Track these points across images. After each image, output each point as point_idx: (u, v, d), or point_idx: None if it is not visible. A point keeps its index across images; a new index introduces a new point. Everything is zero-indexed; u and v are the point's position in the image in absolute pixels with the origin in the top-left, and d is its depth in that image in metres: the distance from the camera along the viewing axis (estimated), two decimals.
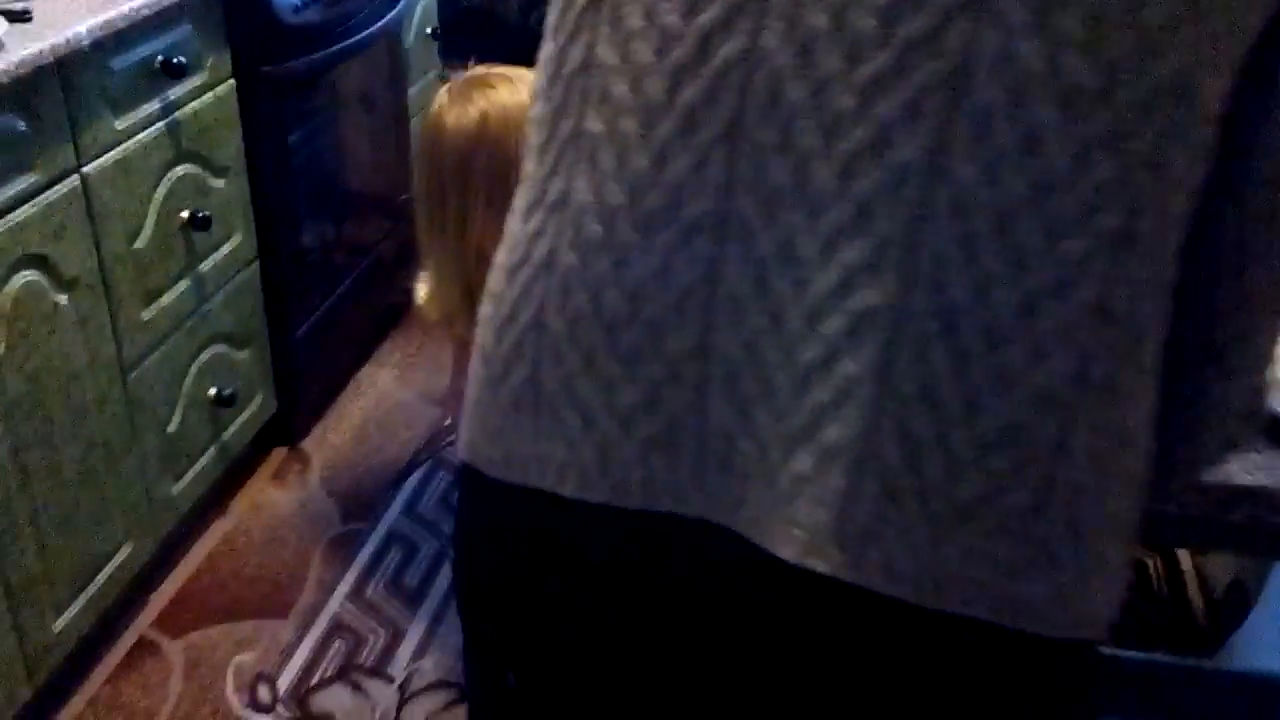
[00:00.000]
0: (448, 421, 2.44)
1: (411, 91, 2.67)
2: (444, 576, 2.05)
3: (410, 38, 2.60)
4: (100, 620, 1.82)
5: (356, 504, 2.22)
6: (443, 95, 1.14)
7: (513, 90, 1.12)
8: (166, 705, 1.80)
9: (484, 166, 1.09)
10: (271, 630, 1.93)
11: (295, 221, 2.21)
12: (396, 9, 2.40)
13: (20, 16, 1.55)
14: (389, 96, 2.56)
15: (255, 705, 1.80)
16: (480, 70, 1.16)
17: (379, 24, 2.31)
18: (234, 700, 1.81)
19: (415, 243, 2.78)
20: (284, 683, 1.84)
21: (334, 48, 2.16)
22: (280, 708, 1.80)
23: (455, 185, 1.10)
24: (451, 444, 2.37)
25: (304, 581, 2.04)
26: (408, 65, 2.62)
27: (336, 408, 2.48)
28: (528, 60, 1.26)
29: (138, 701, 1.80)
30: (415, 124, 2.73)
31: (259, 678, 1.85)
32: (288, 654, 1.89)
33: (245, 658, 1.89)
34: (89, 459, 1.72)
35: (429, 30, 2.73)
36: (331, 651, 1.90)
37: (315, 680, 1.85)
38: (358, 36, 2.22)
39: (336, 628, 1.94)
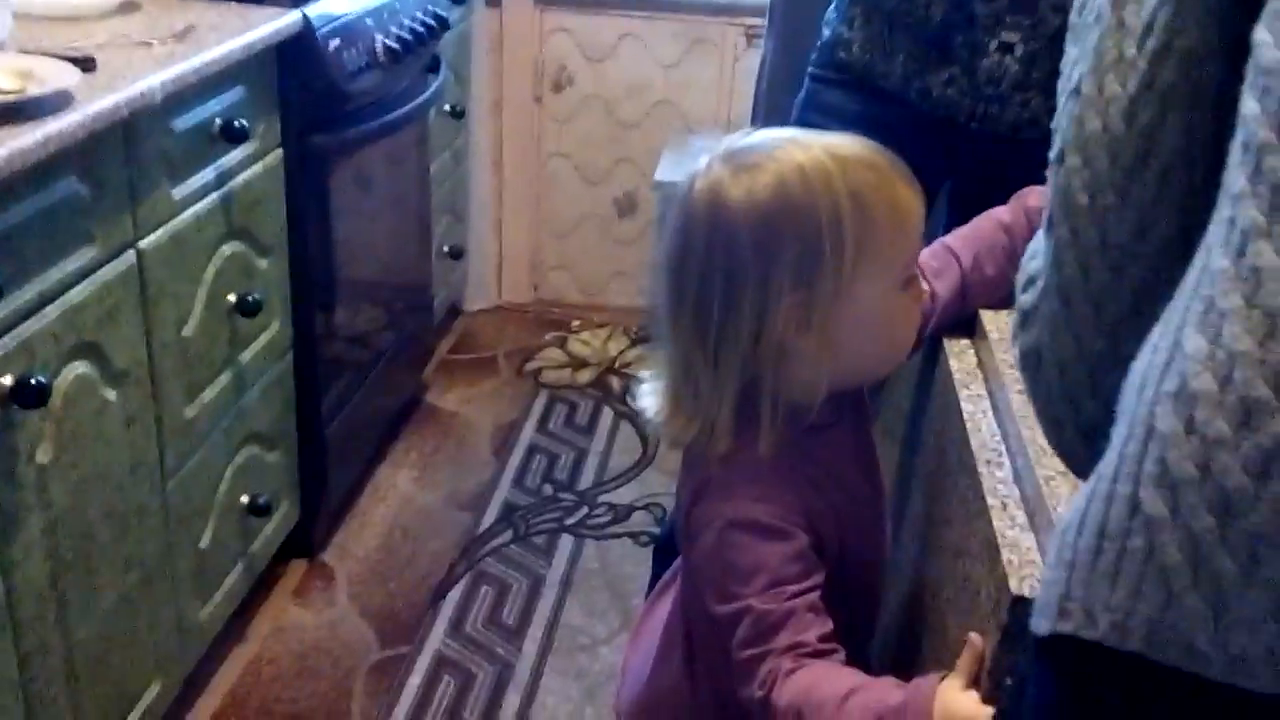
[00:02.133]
0: (483, 529, 2.21)
1: (432, 170, 2.49)
2: (508, 707, 1.81)
3: (432, 114, 2.42)
4: None
5: (394, 625, 1.97)
6: (711, 168, 0.95)
7: (804, 149, 0.94)
8: None
9: (791, 245, 0.91)
10: None
11: (330, 308, 1.99)
12: (438, 81, 2.23)
13: (86, 65, 1.33)
14: (413, 176, 2.37)
15: None
16: (744, 135, 0.97)
17: (423, 96, 2.13)
18: None
19: (425, 333, 2.58)
20: None
21: (383, 119, 1.97)
22: None
23: (752, 272, 0.91)
24: (489, 554, 2.14)
25: (346, 717, 1.77)
26: (431, 144, 2.44)
27: (356, 513, 2.23)
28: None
29: None
30: (436, 201, 2.55)
31: None
32: None
33: None
34: (125, 583, 1.46)
35: (449, 108, 2.56)
36: None
37: None
38: (405, 109, 2.04)
39: None
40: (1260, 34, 0.53)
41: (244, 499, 1.77)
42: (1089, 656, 0.57)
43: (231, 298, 1.65)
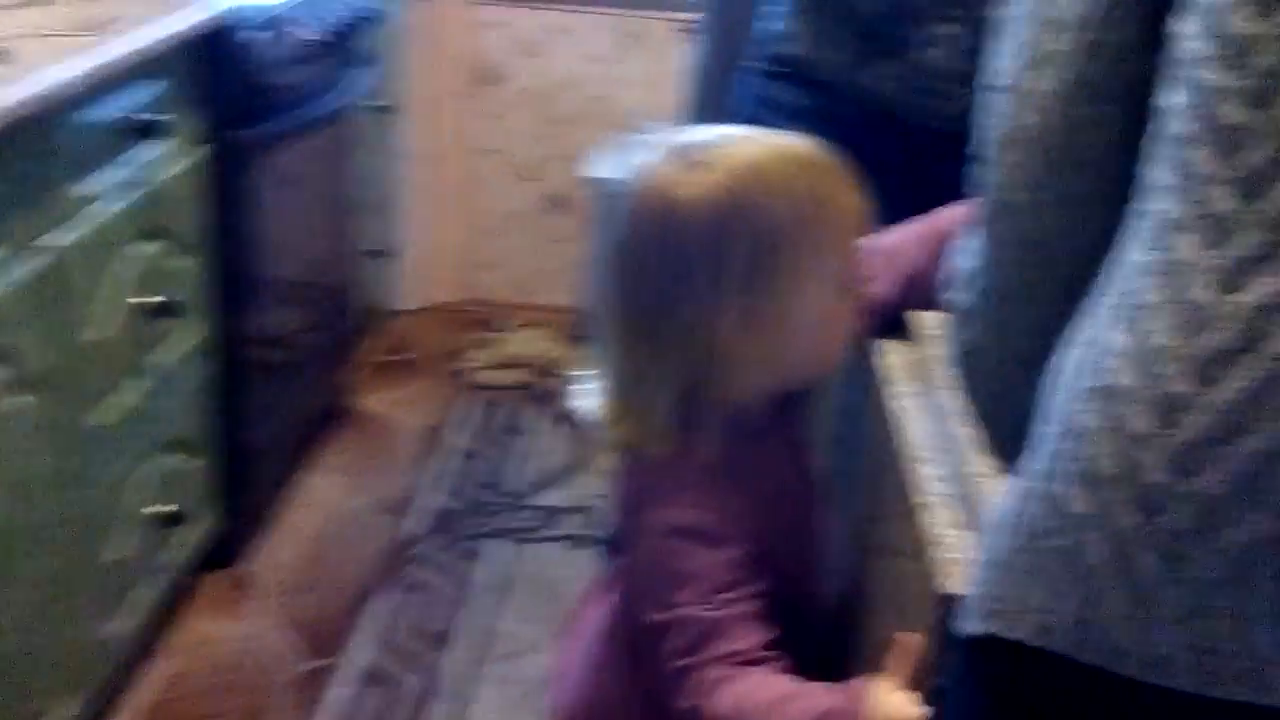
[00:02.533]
0: (410, 534, 2.16)
1: (360, 166, 2.42)
2: (437, 717, 1.76)
3: (361, 109, 2.36)
4: None
5: (318, 635, 1.91)
6: (659, 165, 0.91)
7: (757, 146, 0.91)
8: None
9: (743, 244, 0.88)
10: None
11: (254, 310, 1.93)
12: (368, 76, 2.17)
13: None
14: (341, 172, 2.31)
15: None
16: (690, 131, 0.94)
17: (351, 91, 2.07)
18: None
19: (352, 334, 2.52)
20: None
21: (310, 114, 1.92)
22: None
23: (700, 272, 0.88)
24: (417, 559, 2.09)
25: None
26: (360, 140, 2.38)
27: (279, 522, 2.16)
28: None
29: None
30: (365, 198, 2.48)
31: None
32: None
33: None
34: (29, 599, 1.39)
35: (378, 103, 2.50)
36: None
37: None
38: (333, 104, 1.98)
39: None
40: (1179, 26, 0.53)
41: (162, 508, 1.70)
42: (1016, 657, 0.56)
43: (150, 299, 1.58)
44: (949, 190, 1.44)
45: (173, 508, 1.72)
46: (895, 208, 1.52)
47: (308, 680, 1.82)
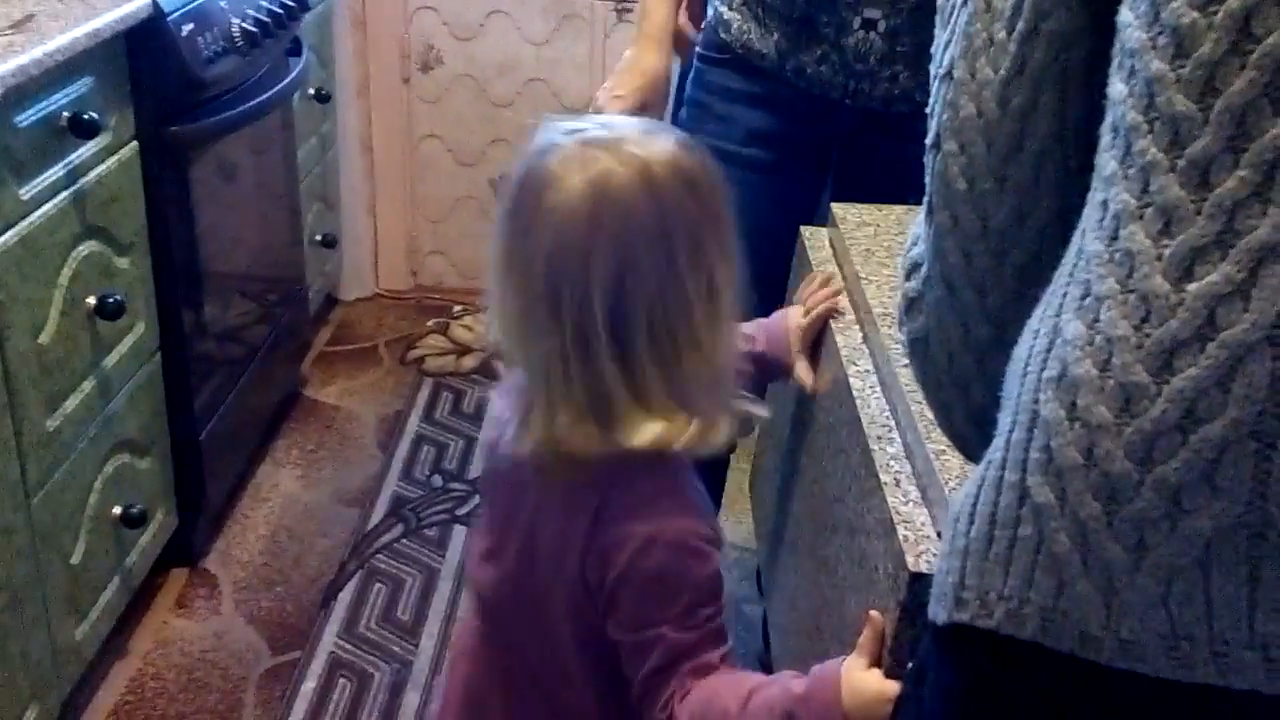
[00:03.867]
0: (373, 525, 2.16)
1: (300, 156, 2.40)
2: (408, 706, 1.77)
3: (296, 98, 2.34)
4: None
5: (284, 630, 1.91)
6: (562, 161, 0.86)
7: (678, 135, 0.90)
8: None
9: (694, 224, 0.87)
10: None
11: (199, 306, 1.91)
12: (301, 65, 2.15)
13: None
14: (279, 164, 2.29)
15: None
16: (585, 122, 0.90)
17: (285, 81, 2.05)
18: None
19: (300, 326, 2.50)
20: None
21: (244, 106, 1.89)
22: None
23: (648, 258, 0.85)
24: (380, 550, 2.09)
25: None
26: (297, 129, 2.36)
27: (237, 518, 2.15)
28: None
29: None
30: (306, 188, 2.46)
31: None
32: None
33: None
34: None
35: (313, 91, 2.47)
36: None
37: None
38: (267, 94, 1.96)
39: None
40: (1124, 15, 0.53)
41: (116, 510, 1.69)
42: (987, 644, 0.57)
43: (91, 300, 1.56)
44: (884, 168, 1.47)
45: (133, 508, 1.71)
46: (833, 188, 1.54)
47: (276, 675, 1.82)
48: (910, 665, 0.69)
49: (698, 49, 1.59)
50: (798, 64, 1.46)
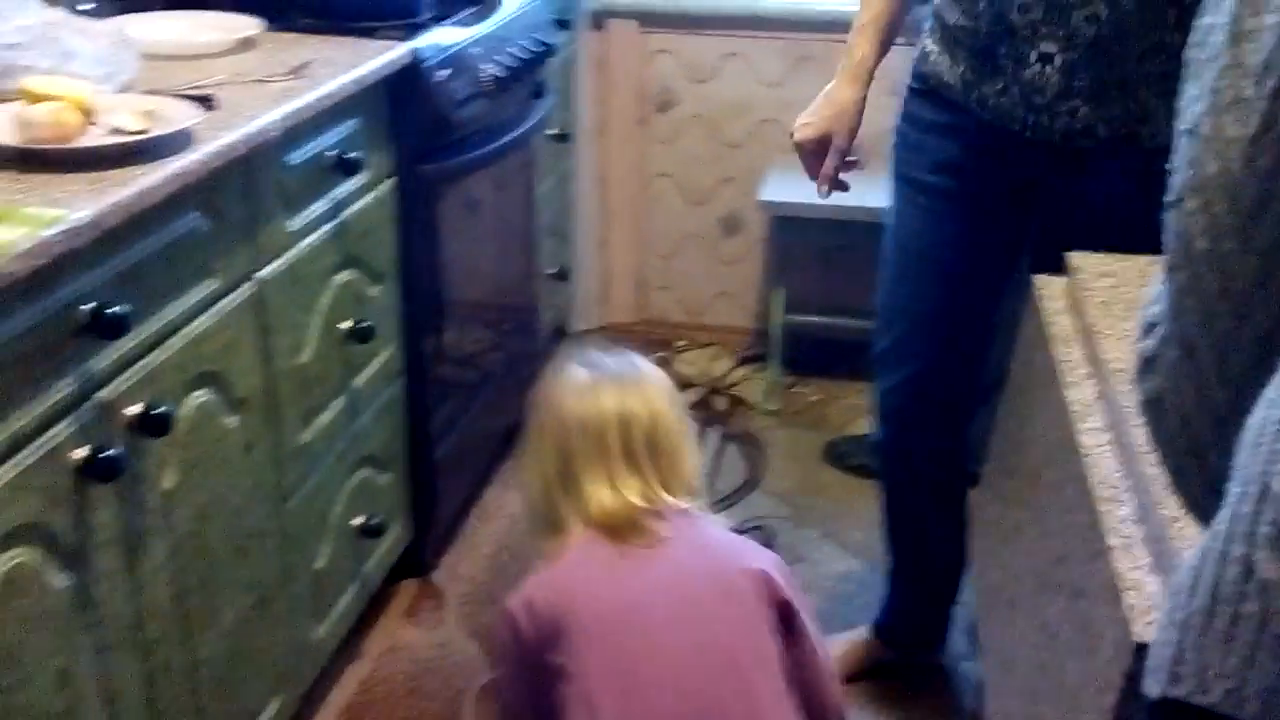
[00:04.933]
0: None
1: (538, 193, 2.51)
2: None
3: (538, 138, 2.45)
4: None
5: None
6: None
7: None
8: None
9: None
10: None
11: (440, 333, 2.03)
12: (544, 106, 2.25)
13: (207, 104, 1.38)
14: (519, 200, 2.40)
15: None
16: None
17: (529, 122, 2.16)
18: None
19: (531, 355, 2.61)
20: None
21: (491, 146, 2.01)
22: None
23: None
24: None
25: None
26: (537, 168, 2.47)
27: (465, 534, 2.26)
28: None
29: None
30: (542, 223, 2.57)
31: None
32: None
33: None
34: (245, 604, 1.50)
35: (554, 132, 2.59)
36: None
37: None
38: (512, 135, 2.07)
39: None
40: None
41: (358, 520, 1.81)
42: None
43: (345, 325, 1.69)
44: (1058, 202, 1.45)
45: (373, 519, 1.83)
46: (1006, 219, 1.54)
47: (493, 690, 1.89)
48: None
49: (908, 81, 1.62)
50: (980, 95, 1.48)
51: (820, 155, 1.64)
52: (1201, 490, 0.63)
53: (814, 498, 2.41)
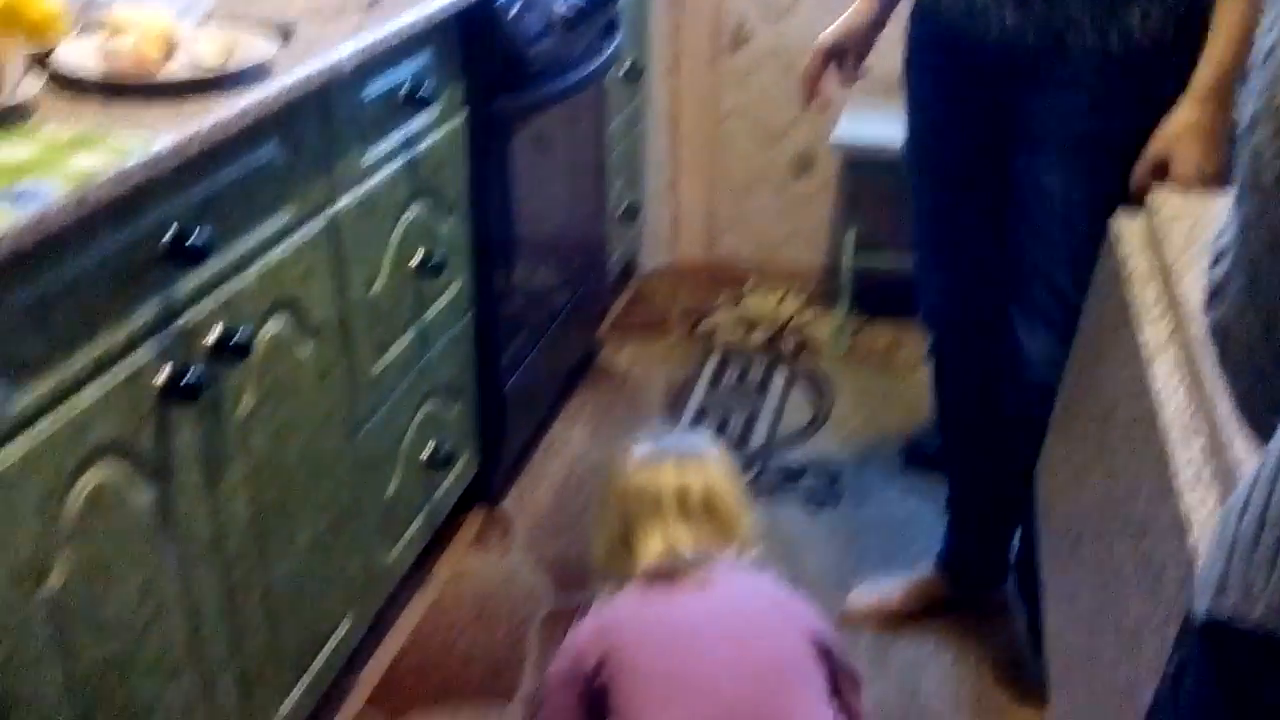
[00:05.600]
0: None
1: (609, 130, 2.51)
2: None
3: (610, 75, 2.44)
4: (318, 704, 1.64)
5: (567, 575, 2.03)
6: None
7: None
8: None
9: None
10: (496, 719, 1.74)
11: (509, 268, 2.05)
12: (616, 43, 2.25)
13: (284, 36, 1.40)
14: (590, 137, 2.40)
15: None
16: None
17: (601, 59, 2.15)
18: None
19: (600, 292, 2.63)
20: None
21: (563, 82, 2.01)
22: None
23: None
24: None
25: (522, 663, 1.84)
26: (609, 105, 2.47)
27: (532, 467, 2.30)
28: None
29: None
30: (613, 161, 2.57)
31: None
32: None
33: None
34: (319, 525, 1.55)
35: (626, 69, 2.58)
36: None
37: None
38: (584, 72, 2.06)
39: None
40: None
41: (427, 450, 1.85)
42: (1248, 645, 0.55)
43: (416, 258, 1.72)
44: (1014, 117, 1.52)
45: (441, 449, 1.87)
46: (984, 126, 1.57)
47: (557, 618, 1.94)
48: (1171, 664, 0.67)
49: None
50: (934, 4, 1.56)
51: (823, 68, 1.78)
52: (1267, 416, 0.63)
53: (879, 439, 2.41)
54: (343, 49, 1.42)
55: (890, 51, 1.76)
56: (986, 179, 1.61)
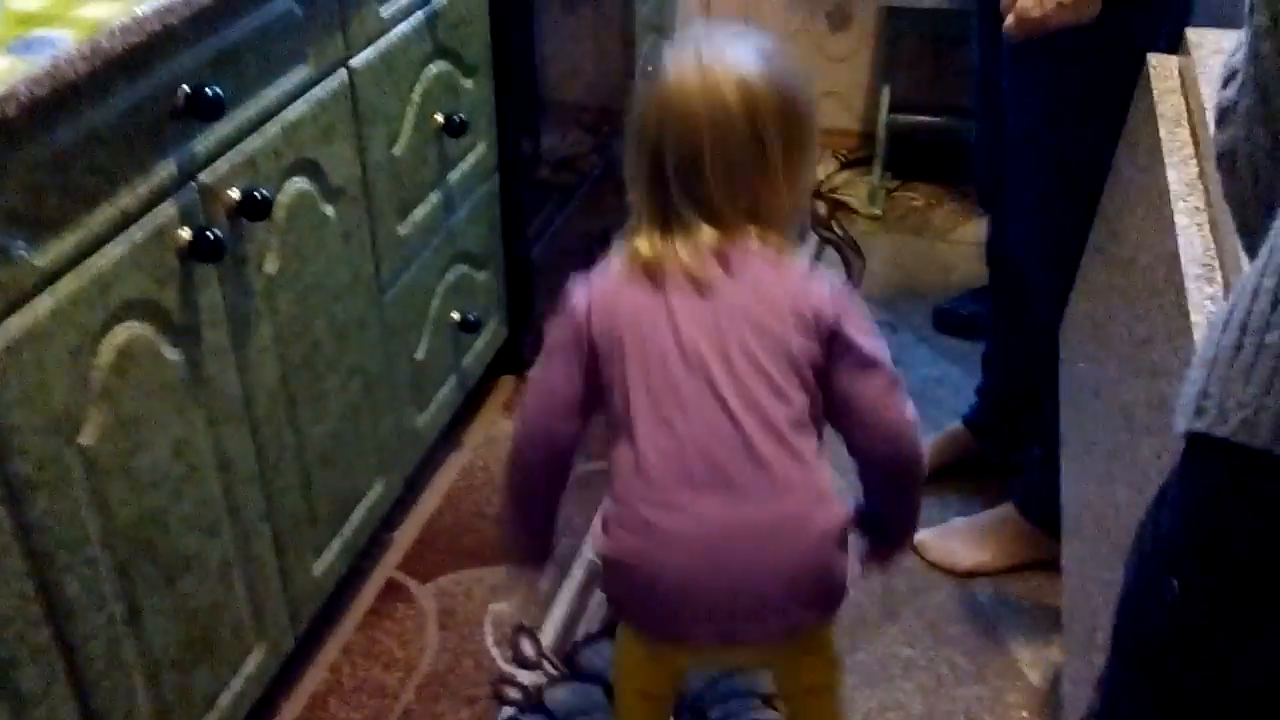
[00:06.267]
0: None
1: None
2: None
3: None
4: (353, 562, 1.68)
5: (596, 439, 2.04)
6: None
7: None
8: (425, 656, 1.66)
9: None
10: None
11: (535, 131, 2.02)
12: None
13: None
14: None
15: (520, 661, 1.66)
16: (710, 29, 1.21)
17: None
18: (495, 653, 1.67)
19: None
20: (547, 637, 1.69)
21: None
22: (546, 664, 1.65)
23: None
24: None
25: None
26: None
27: None
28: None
29: (394, 651, 1.67)
30: (641, 19, 2.51)
31: (520, 630, 1.70)
32: (546, 604, 1.74)
33: (501, 607, 1.74)
34: (349, 388, 1.56)
35: None
36: (594, 602, 1.74)
37: (581, 635, 1.69)
38: None
39: (595, 576, 1.78)
40: None
41: (455, 315, 1.85)
42: (1223, 455, 0.54)
43: (439, 117, 1.69)
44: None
45: (470, 314, 1.87)
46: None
47: (588, 481, 1.96)
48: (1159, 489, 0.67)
49: None
50: None
51: None
52: (1262, 239, 0.62)
53: (913, 302, 2.39)
54: None
55: None
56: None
